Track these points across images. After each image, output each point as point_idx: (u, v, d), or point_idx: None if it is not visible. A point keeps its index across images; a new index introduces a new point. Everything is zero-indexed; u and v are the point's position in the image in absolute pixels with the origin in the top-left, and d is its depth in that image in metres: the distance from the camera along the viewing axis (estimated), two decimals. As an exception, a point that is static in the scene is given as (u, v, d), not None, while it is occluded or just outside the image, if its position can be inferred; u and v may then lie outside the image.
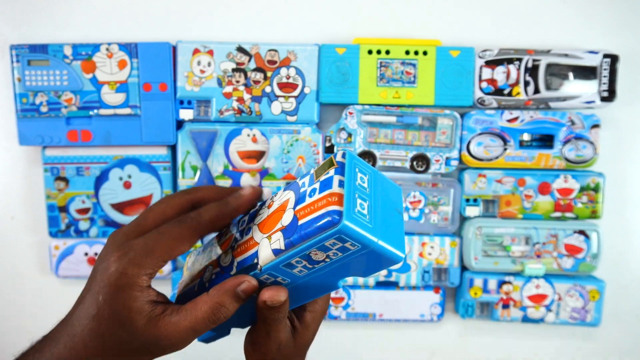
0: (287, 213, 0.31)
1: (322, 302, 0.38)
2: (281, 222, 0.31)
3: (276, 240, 0.30)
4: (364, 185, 0.31)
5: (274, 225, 0.31)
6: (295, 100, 0.69)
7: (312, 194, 0.30)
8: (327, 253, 0.29)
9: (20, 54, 0.67)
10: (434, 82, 0.68)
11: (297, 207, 0.30)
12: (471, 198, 0.71)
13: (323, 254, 0.29)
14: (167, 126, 0.69)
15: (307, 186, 0.31)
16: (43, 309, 0.75)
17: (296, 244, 0.29)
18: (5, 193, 0.74)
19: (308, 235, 0.28)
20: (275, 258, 0.30)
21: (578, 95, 0.68)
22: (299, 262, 0.30)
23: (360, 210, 0.28)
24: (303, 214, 0.29)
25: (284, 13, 0.71)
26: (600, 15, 0.71)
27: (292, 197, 0.32)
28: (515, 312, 0.73)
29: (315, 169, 0.32)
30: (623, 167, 0.74)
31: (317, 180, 0.30)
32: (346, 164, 0.30)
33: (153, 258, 0.32)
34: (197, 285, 0.36)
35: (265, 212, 0.34)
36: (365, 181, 0.31)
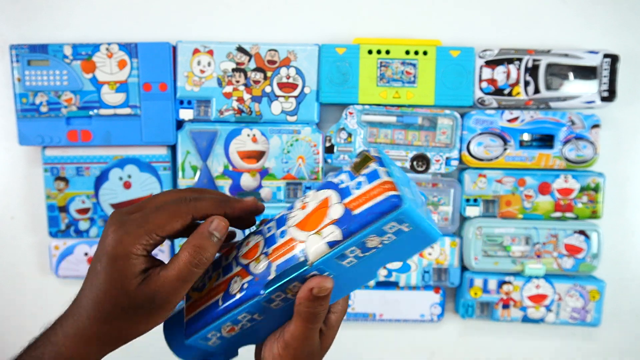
0: (334, 208, 0.32)
1: (343, 303, 0.38)
2: (329, 216, 0.32)
3: (330, 233, 0.31)
4: (400, 176, 0.33)
5: (319, 222, 0.32)
6: (295, 100, 0.69)
7: (359, 187, 0.32)
8: (382, 238, 0.31)
9: (20, 54, 0.67)
10: (434, 82, 0.68)
11: (345, 200, 0.32)
12: (471, 198, 0.71)
13: (378, 240, 0.31)
14: (167, 126, 0.69)
15: (348, 181, 0.33)
16: (43, 309, 0.75)
17: (355, 232, 0.31)
18: (5, 193, 0.74)
19: (368, 222, 0.30)
20: (330, 250, 0.31)
21: (578, 95, 0.68)
22: (352, 252, 0.32)
23: (409, 196, 0.31)
24: (356, 205, 0.31)
25: (284, 13, 0.71)
26: (600, 15, 0.71)
27: (332, 195, 0.33)
28: (515, 312, 0.73)
29: (350, 166, 0.34)
30: (623, 167, 0.74)
31: (359, 174, 0.33)
32: (382, 157, 0.33)
33: (147, 229, 0.34)
34: (222, 297, 0.36)
35: (300, 213, 0.35)
36: (398, 173, 0.34)
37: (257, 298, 0.34)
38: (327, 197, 0.33)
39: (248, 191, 0.71)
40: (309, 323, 0.34)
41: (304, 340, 0.35)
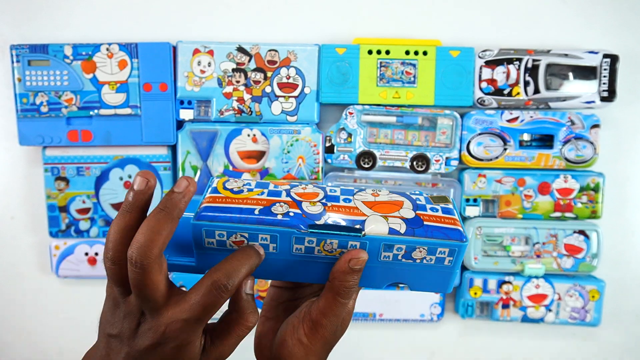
0: (406, 210, 0.36)
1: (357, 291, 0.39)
2: (400, 213, 0.35)
3: (396, 223, 0.35)
4: None
5: (390, 211, 0.35)
6: (296, 100, 0.69)
7: (435, 211, 0.36)
8: (428, 255, 0.35)
9: (20, 54, 0.67)
10: (434, 82, 0.68)
11: (419, 211, 0.36)
12: (471, 198, 0.71)
13: (424, 254, 0.35)
14: (167, 126, 0.69)
15: (424, 202, 0.37)
16: (43, 309, 0.75)
17: (417, 235, 0.34)
18: (6, 193, 0.74)
19: (434, 236, 0.34)
20: (388, 235, 0.34)
21: (578, 95, 0.68)
22: (399, 250, 0.35)
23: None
24: (429, 220, 0.35)
25: (284, 13, 0.71)
26: (600, 15, 0.71)
27: (408, 202, 0.36)
28: (515, 312, 0.73)
29: (430, 195, 0.38)
30: (623, 167, 0.74)
31: (437, 204, 0.37)
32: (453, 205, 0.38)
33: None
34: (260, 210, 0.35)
35: (369, 196, 0.37)
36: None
37: (295, 230, 0.34)
38: (402, 201, 0.37)
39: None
40: (341, 297, 0.35)
41: (333, 317, 0.35)
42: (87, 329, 0.36)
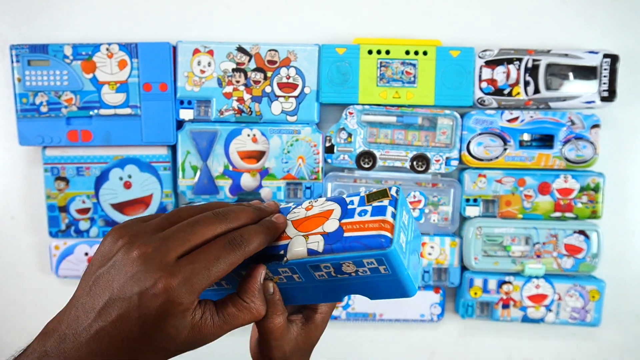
0: (331, 222, 0.33)
1: (331, 304, 0.39)
2: (323, 227, 0.33)
3: (314, 242, 0.32)
4: (405, 223, 0.34)
5: (313, 228, 0.33)
6: (295, 100, 0.69)
7: (363, 214, 0.32)
8: (358, 268, 0.32)
9: (20, 54, 0.67)
10: (434, 82, 0.68)
11: (344, 220, 0.33)
12: (471, 198, 0.71)
13: (354, 267, 0.32)
14: (167, 126, 0.69)
15: (356, 205, 0.34)
16: (43, 309, 0.75)
17: (336, 252, 0.32)
18: (5, 193, 0.74)
19: (352, 248, 0.31)
20: (307, 257, 0.32)
21: (578, 95, 0.68)
22: (326, 267, 0.32)
23: (401, 243, 0.32)
24: (351, 228, 0.32)
25: (284, 13, 0.71)
26: (600, 15, 0.71)
27: (337, 209, 0.34)
28: (515, 312, 0.73)
29: (367, 193, 0.35)
30: (623, 167, 0.74)
31: (370, 204, 0.33)
32: (399, 199, 0.33)
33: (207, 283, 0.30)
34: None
35: (302, 212, 0.35)
36: (406, 220, 0.34)
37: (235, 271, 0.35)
38: (332, 209, 0.34)
39: (248, 191, 0.71)
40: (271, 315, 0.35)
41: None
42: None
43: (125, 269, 0.30)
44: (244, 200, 0.71)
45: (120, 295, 0.29)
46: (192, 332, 0.31)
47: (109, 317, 0.29)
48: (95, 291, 0.31)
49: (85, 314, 0.30)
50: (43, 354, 0.31)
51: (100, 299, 0.30)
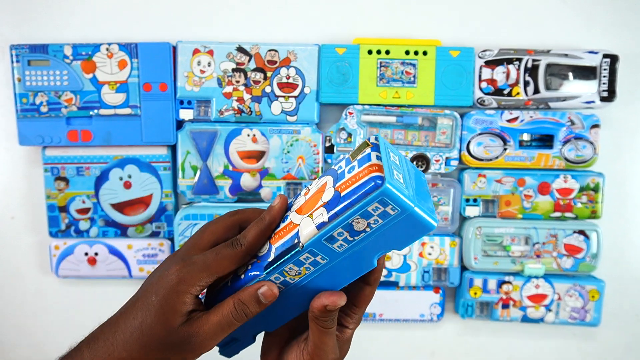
0: (327, 192, 0.33)
1: (358, 317, 0.40)
2: (322, 200, 0.33)
3: (319, 215, 0.33)
4: (397, 162, 0.34)
5: (314, 205, 0.34)
6: (295, 100, 0.69)
7: (352, 170, 0.33)
8: (369, 220, 0.31)
9: (20, 54, 0.67)
10: (434, 82, 0.68)
11: (337, 184, 0.33)
12: (471, 198, 0.71)
13: (365, 222, 0.31)
14: (167, 126, 0.69)
15: (344, 167, 0.34)
16: (43, 309, 0.75)
17: (340, 214, 0.31)
18: (5, 193, 0.74)
19: (352, 203, 0.31)
20: (318, 232, 0.32)
21: (578, 95, 0.68)
22: (340, 234, 0.32)
23: (397, 179, 0.31)
24: (344, 187, 0.32)
25: (284, 13, 0.71)
26: (600, 15, 0.71)
27: (330, 180, 0.34)
28: (515, 312, 0.73)
29: (350, 153, 0.35)
30: (623, 167, 0.74)
31: (355, 159, 0.33)
32: (380, 144, 0.33)
33: (208, 273, 0.35)
34: (231, 279, 0.38)
35: (302, 199, 0.36)
36: (397, 160, 0.34)
37: (257, 279, 0.35)
38: (325, 182, 0.34)
39: (248, 191, 0.71)
40: (324, 327, 0.36)
41: (323, 347, 0.37)
42: (87, 328, 0.36)
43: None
44: (243, 200, 0.71)
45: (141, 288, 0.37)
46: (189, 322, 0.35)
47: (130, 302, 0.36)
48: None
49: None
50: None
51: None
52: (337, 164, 0.35)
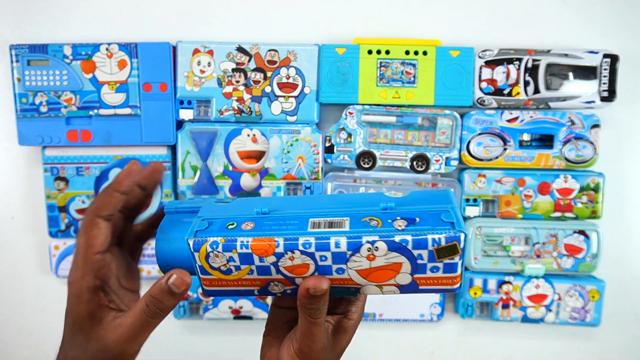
0: (403, 276, 0.35)
1: (360, 310, 0.39)
2: (395, 280, 0.35)
3: (390, 292, 0.36)
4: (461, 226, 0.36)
5: (384, 279, 0.35)
6: (295, 100, 0.69)
7: (435, 271, 0.34)
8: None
9: (20, 54, 0.67)
10: (434, 82, 0.68)
11: (416, 275, 0.34)
12: (471, 198, 0.71)
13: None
14: (167, 126, 0.69)
15: (426, 260, 0.34)
16: (43, 309, 0.75)
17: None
18: (5, 193, 0.74)
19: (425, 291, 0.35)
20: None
21: (578, 95, 0.68)
22: None
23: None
24: (425, 283, 0.35)
25: (284, 13, 0.71)
26: (600, 15, 0.71)
27: (406, 264, 0.34)
28: (515, 312, 0.73)
29: (435, 247, 0.33)
30: (623, 167, 0.74)
31: (440, 260, 0.34)
32: (464, 250, 0.34)
33: (82, 255, 0.35)
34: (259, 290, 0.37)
35: (365, 262, 0.34)
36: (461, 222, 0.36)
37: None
38: (401, 263, 0.34)
39: (248, 191, 0.71)
40: (311, 317, 0.35)
41: (310, 336, 0.36)
42: (86, 329, 0.36)
43: None
44: (243, 200, 0.71)
45: None
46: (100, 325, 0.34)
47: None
48: None
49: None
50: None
51: None
52: (416, 249, 0.33)
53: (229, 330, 0.76)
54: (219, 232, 0.35)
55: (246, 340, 0.75)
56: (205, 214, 0.37)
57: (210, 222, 0.36)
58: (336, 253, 0.34)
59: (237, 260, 0.34)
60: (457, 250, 0.33)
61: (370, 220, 0.34)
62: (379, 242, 0.33)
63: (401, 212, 0.35)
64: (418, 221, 0.34)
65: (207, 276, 0.36)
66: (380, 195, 0.37)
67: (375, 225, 0.34)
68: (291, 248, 0.34)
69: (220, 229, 0.35)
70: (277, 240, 0.34)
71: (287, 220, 0.35)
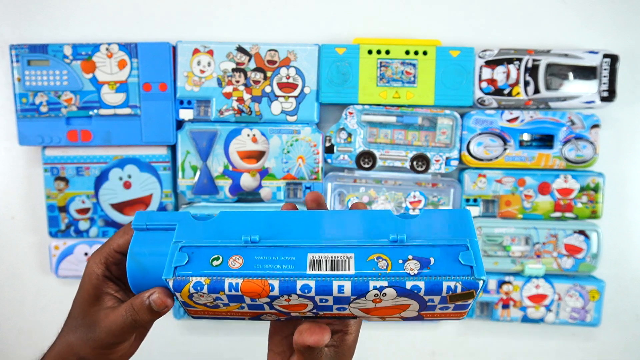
0: (408, 312, 0.33)
1: (357, 325, 0.38)
2: (400, 315, 0.33)
3: (393, 320, 0.35)
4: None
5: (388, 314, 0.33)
6: (295, 100, 0.69)
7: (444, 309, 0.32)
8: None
9: (20, 54, 0.67)
10: (434, 82, 0.68)
11: (424, 312, 0.33)
12: (471, 198, 0.71)
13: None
14: (167, 126, 0.69)
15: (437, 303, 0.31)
16: (43, 309, 0.75)
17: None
18: (5, 193, 0.74)
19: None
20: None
21: (578, 95, 0.68)
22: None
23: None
24: (430, 315, 0.33)
25: (284, 13, 0.71)
26: (600, 15, 0.71)
27: (415, 305, 0.31)
28: (515, 312, 0.73)
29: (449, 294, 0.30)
30: (623, 167, 0.74)
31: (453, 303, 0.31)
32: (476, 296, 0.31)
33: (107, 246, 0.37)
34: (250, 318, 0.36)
35: (369, 304, 0.32)
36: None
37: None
38: (409, 305, 0.32)
39: (248, 191, 0.71)
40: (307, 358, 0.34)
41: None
42: (86, 329, 0.36)
43: None
44: (243, 199, 0.71)
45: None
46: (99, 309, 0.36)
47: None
48: None
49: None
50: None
51: None
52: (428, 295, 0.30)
53: (229, 330, 0.76)
54: (202, 270, 0.31)
55: (246, 340, 0.75)
56: (182, 236, 0.33)
57: (190, 254, 0.32)
58: (339, 297, 0.31)
59: (226, 299, 0.32)
60: (473, 296, 0.30)
61: (378, 259, 0.31)
62: (387, 288, 0.30)
63: (413, 247, 0.31)
64: (432, 263, 0.30)
65: (192, 308, 0.34)
66: (388, 217, 0.33)
67: (384, 268, 0.30)
68: (288, 292, 0.30)
69: (203, 265, 0.31)
70: (272, 284, 0.30)
71: (281, 255, 0.31)
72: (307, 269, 0.31)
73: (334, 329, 0.37)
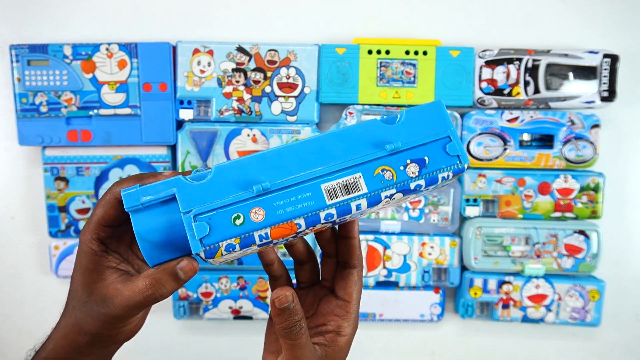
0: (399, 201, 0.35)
1: (353, 325, 0.38)
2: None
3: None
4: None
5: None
6: (295, 100, 0.69)
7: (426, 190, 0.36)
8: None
9: (20, 54, 0.67)
10: (434, 82, 0.68)
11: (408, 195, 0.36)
12: (471, 198, 0.71)
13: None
14: (167, 126, 0.69)
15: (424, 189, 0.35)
16: (43, 309, 0.75)
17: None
18: (5, 193, 0.74)
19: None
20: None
21: (578, 95, 0.68)
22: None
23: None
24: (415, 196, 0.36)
25: (284, 13, 0.71)
26: (600, 15, 0.71)
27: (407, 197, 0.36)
28: (515, 312, 0.73)
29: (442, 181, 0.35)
30: (623, 167, 0.74)
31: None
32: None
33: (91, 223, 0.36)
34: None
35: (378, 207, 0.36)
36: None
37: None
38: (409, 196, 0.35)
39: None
40: (290, 339, 0.33)
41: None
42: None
43: None
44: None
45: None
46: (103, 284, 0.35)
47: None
48: None
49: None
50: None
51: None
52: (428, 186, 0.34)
53: (229, 330, 0.76)
54: (229, 232, 0.31)
55: (246, 340, 0.75)
56: (187, 203, 0.32)
57: (209, 221, 0.31)
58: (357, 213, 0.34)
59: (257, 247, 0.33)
60: (459, 175, 0.35)
61: (384, 171, 0.33)
62: (396, 194, 0.33)
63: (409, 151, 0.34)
64: (428, 162, 0.34)
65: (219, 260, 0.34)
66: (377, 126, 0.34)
67: (390, 179, 0.33)
68: (313, 224, 0.32)
69: (226, 228, 0.31)
70: (298, 222, 0.32)
71: (297, 195, 0.32)
72: (326, 200, 0.32)
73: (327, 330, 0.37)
